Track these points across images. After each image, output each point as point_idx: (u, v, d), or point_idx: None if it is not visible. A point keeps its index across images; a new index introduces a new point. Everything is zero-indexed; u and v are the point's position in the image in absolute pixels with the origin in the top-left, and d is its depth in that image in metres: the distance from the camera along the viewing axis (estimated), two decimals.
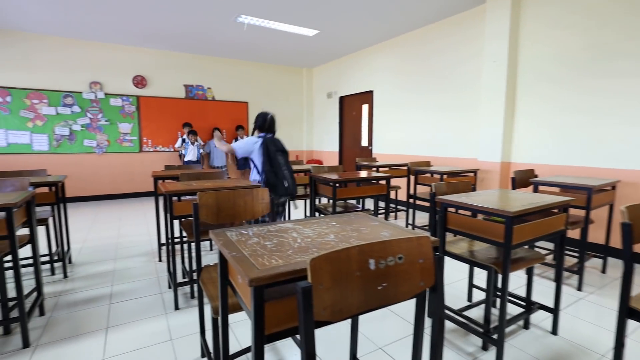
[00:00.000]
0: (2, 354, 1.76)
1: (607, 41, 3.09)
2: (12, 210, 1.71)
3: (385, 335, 1.93)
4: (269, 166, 2.70)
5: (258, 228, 1.17)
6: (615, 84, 3.07)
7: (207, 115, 6.88)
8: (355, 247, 0.84)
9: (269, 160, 2.71)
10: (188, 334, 1.95)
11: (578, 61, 3.30)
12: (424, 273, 0.93)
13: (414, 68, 5.16)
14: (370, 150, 6.29)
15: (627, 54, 2.98)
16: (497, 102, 3.84)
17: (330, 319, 0.79)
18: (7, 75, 5.30)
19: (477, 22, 4.17)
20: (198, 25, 4.96)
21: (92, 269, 2.92)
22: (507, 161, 3.91)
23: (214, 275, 1.59)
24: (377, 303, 0.88)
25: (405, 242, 0.91)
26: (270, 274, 0.79)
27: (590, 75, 3.22)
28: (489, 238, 1.62)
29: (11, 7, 4.28)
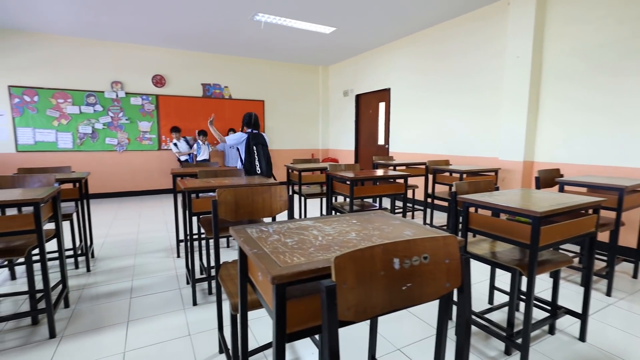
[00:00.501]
0: (30, 343, 1.82)
1: (634, 37, 2.94)
2: (40, 205, 1.77)
3: (403, 336, 1.90)
4: (247, 155, 3.63)
5: (278, 225, 1.16)
6: None
7: (224, 113, 6.96)
8: (380, 245, 0.82)
9: (248, 152, 3.63)
10: (206, 330, 1.97)
11: (605, 58, 3.15)
12: (450, 274, 0.89)
13: (433, 64, 5.06)
14: (386, 149, 6.22)
15: None
16: (520, 99, 3.73)
17: (354, 319, 0.77)
18: (35, 76, 5.49)
19: (499, 16, 4.05)
20: (216, 25, 5.01)
21: (114, 263, 3.00)
22: (530, 160, 3.79)
23: (232, 272, 1.59)
24: (402, 304, 0.85)
25: (431, 241, 0.88)
26: (292, 272, 0.77)
27: (618, 72, 3.08)
28: (514, 239, 1.56)
29: (39, 10, 4.43)
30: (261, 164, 3.64)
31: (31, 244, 1.93)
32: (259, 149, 3.64)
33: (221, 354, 1.75)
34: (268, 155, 3.73)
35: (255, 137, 3.65)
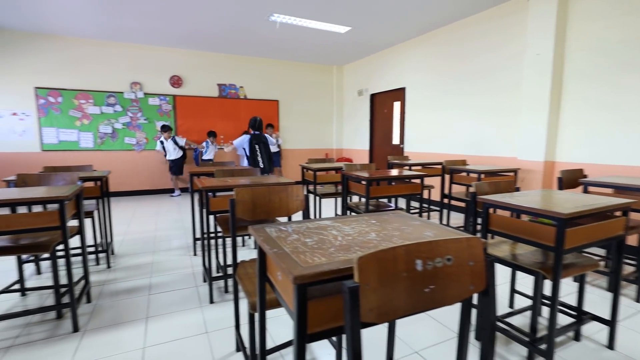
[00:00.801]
0: (55, 337, 1.88)
1: None
2: (64, 203, 1.82)
3: (420, 339, 1.87)
4: (250, 153, 4.33)
5: (297, 225, 1.15)
6: None
7: (239, 113, 7.02)
8: (402, 246, 0.80)
9: (251, 150, 4.33)
10: (223, 328, 1.99)
11: (629, 55, 3.03)
12: (474, 276, 0.87)
13: (450, 63, 4.97)
14: (401, 148, 6.16)
15: None
16: (541, 98, 3.62)
17: (376, 320, 0.76)
18: (59, 78, 5.67)
19: (519, 13, 3.94)
20: (232, 26, 5.06)
21: (133, 260, 3.06)
22: (551, 160, 3.68)
23: (250, 271, 1.60)
24: (424, 306, 0.84)
25: (454, 242, 0.86)
26: (314, 272, 0.77)
27: None
28: (538, 241, 1.51)
29: (63, 14, 4.57)
30: (263, 159, 4.38)
31: (56, 240, 1.99)
32: (261, 147, 4.35)
33: (238, 352, 1.76)
34: (269, 152, 4.45)
35: (257, 137, 4.36)
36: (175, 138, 6.17)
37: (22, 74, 5.47)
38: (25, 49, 5.45)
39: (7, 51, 5.35)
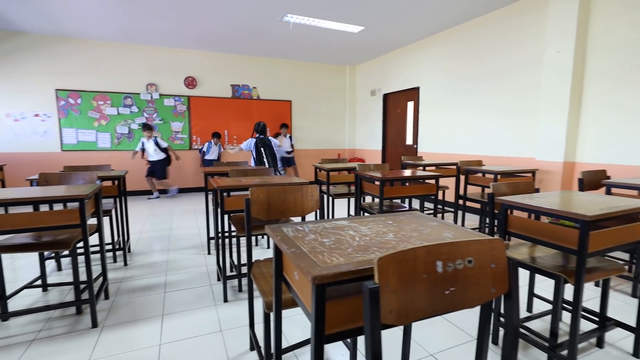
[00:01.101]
0: (75, 332, 1.93)
1: None
2: (84, 201, 1.86)
3: (435, 342, 1.84)
4: (256, 155, 4.71)
5: (313, 225, 1.15)
6: None
7: (252, 114, 7.08)
8: (423, 247, 0.79)
9: (257, 152, 4.71)
10: (237, 327, 2.00)
11: None
12: (496, 279, 0.85)
13: (465, 62, 4.90)
14: (415, 148, 6.10)
15: None
16: (561, 97, 3.53)
17: (396, 322, 0.75)
18: (78, 80, 5.83)
19: (537, 9, 3.85)
20: (246, 27, 5.11)
21: (148, 258, 3.11)
22: (571, 161, 3.58)
23: (265, 270, 1.60)
24: (444, 308, 0.82)
25: (476, 244, 0.84)
26: (334, 272, 0.76)
27: None
28: (559, 244, 1.47)
29: (83, 18, 4.69)
30: (267, 160, 4.74)
31: (76, 237, 2.04)
32: (265, 149, 4.74)
33: (252, 351, 1.76)
34: (274, 153, 4.82)
35: (262, 140, 4.75)
36: (157, 139, 5.86)
37: (44, 76, 5.64)
38: (47, 51, 5.61)
39: (29, 54, 5.53)
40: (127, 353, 1.75)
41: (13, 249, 1.91)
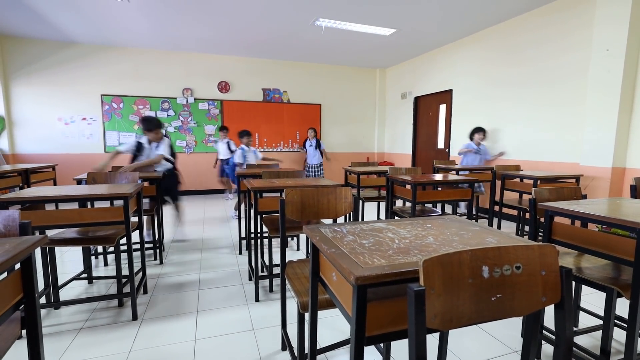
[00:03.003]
0: (117, 323, 2.03)
1: None
2: (129, 199, 1.96)
3: (472, 352, 1.77)
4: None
5: (351, 226, 1.15)
6: None
7: (283, 117, 7.19)
8: (468, 251, 0.76)
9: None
10: (269, 326, 2.02)
11: None
12: (547, 287, 0.81)
13: (501, 63, 4.71)
14: (447, 153, 5.93)
15: None
16: (610, 98, 3.31)
17: (440, 327, 0.73)
18: (121, 85, 6.19)
19: (583, 5, 3.64)
20: (278, 32, 5.21)
21: (183, 257, 3.23)
22: (621, 166, 3.35)
23: (298, 271, 1.61)
24: (490, 315, 0.79)
25: (524, 249, 0.81)
26: (377, 274, 0.75)
27: None
28: (612, 254, 1.37)
29: (124, 27, 4.98)
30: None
31: (119, 234, 2.15)
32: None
33: (284, 351, 1.78)
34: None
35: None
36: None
37: (91, 83, 6.03)
38: (94, 60, 6.00)
39: (79, 63, 5.94)
40: (165, 346, 1.82)
41: (64, 243, 2.05)
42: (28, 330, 1.01)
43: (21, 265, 0.99)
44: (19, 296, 0.99)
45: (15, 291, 0.97)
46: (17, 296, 0.98)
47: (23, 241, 0.99)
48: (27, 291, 1.00)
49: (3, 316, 0.91)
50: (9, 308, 0.94)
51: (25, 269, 0.99)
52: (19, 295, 0.99)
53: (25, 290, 1.00)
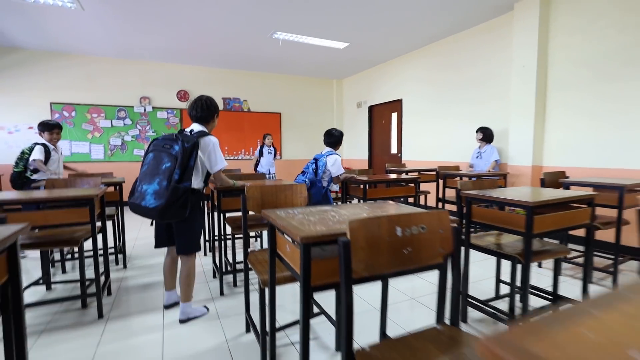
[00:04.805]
0: (82, 323, 2.08)
1: (633, 46, 3.09)
2: (94, 201, 2.05)
3: (412, 322, 2.06)
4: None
5: (301, 209, 1.38)
6: None
7: (243, 126, 7.31)
8: (385, 216, 1.03)
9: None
10: (233, 314, 2.18)
11: (607, 66, 3.30)
12: (443, 242, 1.09)
13: (442, 75, 5.27)
14: (399, 157, 6.40)
15: None
16: (527, 107, 3.88)
17: (364, 272, 0.98)
18: (72, 93, 5.99)
19: (506, 28, 4.24)
20: (237, 43, 5.39)
21: (146, 261, 3.26)
22: (538, 165, 3.91)
23: (260, 257, 1.81)
24: (404, 264, 1.06)
25: (427, 215, 1.09)
26: (317, 234, 0.99)
27: (620, 79, 3.21)
28: (511, 228, 1.73)
29: (78, 34, 4.90)
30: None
31: (83, 236, 2.21)
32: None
33: (248, 333, 1.95)
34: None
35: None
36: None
37: (39, 90, 5.79)
38: (43, 66, 5.77)
39: (25, 69, 5.68)
40: (134, 338, 1.91)
41: (27, 246, 2.08)
42: (13, 308, 1.12)
43: (7, 251, 1.11)
44: (4, 278, 1.10)
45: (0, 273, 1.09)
46: (2, 278, 1.09)
47: (8, 228, 1.11)
48: (11, 274, 1.12)
49: None
50: None
51: (10, 254, 1.11)
52: (4, 277, 1.10)
53: (10, 273, 1.11)
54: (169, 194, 1.82)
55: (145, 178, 1.91)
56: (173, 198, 1.82)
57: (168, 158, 1.89)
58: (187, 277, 2.10)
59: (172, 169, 1.86)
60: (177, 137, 1.93)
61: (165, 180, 1.84)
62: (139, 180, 1.94)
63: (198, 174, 2.03)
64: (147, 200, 1.85)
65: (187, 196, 1.88)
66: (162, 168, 1.88)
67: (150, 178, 1.89)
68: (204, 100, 2.22)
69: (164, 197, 1.81)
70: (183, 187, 1.85)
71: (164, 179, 1.85)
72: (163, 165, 1.88)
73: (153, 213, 1.85)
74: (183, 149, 1.87)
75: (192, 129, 2.14)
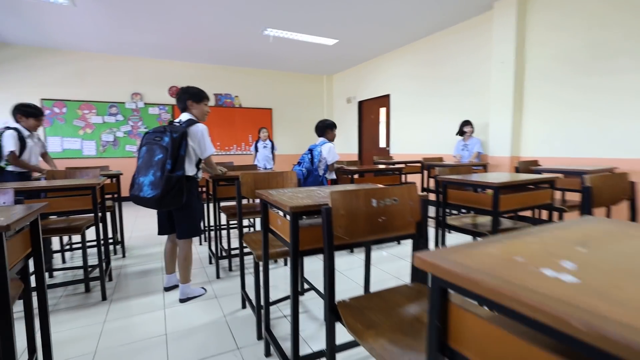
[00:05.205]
0: (87, 304, 2.22)
1: (606, 41, 3.32)
2: (96, 189, 2.18)
3: None
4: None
5: (291, 189, 1.55)
6: (614, 81, 3.28)
7: (235, 121, 7.43)
8: (362, 190, 1.20)
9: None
10: (230, 294, 2.35)
11: (579, 60, 3.53)
12: (413, 211, 1.27)
13: (428, 71, 5.47)
14: (387, 151, 6.61)
15: (624, 52, 3.20)
16: (506, 101, 4.10)
17: (345, 235, 1.15)
18: (63, 90, 6.03)
19: (486, 27, 4.45)
20: (228, 40, 5.50)
21: (144, 251, 3.40)
22: (516, 155, 4.14)
23: (254, 237, 1.97)
24: (379, 231, 1.23)
25: (399, 189, 1.27)
26: (304, 205, 1.16)
27: (592, 73, 3.44)
28: (480, 207, 1.93)
29: (69, 30, 4.96)
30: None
31: (86, 224, 2.34)
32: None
33: (244, 309, 2.12)
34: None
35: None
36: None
37: (30, 87, 5.81)
38: (33, 62, 5.80)
39: (15, 65, 5.70)
40: (138, 316, 2.06)
41: None
42: (36, 276, 1.27)
43: (30, 226, 1.25)
44: (29, 250, 1.25)
45: (26, 245, 1.23)
46: (27, 250, 1.24)
47: (30, 207, 1.25)
48: (34, 246, 1.26)
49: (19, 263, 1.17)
50: (23, 257, 1.20)
51: (33, 228, 1.26)
52: (29, 249, 1.25)
53: (34, 245, 1.26)
54: (163, 183, 1.96)
55: (141, 170, 2.06)
56: (168, 187, 1.97)
57: (160, 150, 2.02)
58: (184, 260, 2.25)
59: (164, 160, 2.00)
60: (165, 129, 2.07)
61: (159, 171, 1.99)
62: (136, 173, 2.09)
63: (191, 161, 2.18)
64: (145, 191, 2.00)
65: (181, 184, 2.03)
66: (155, 160, 2.02)
67: (146, 170, 2.03)
68: (179, 91, 2.41)
69: (160, 187, 1.96)
70: (176, 176, 2.00)
71: (157, 169, 1.99)
72: (156, 157, 2.02)
73: (151, 202, 2.00)
74: (172, 139, 2.01)
75: (181, 119, 2.28)
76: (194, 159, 2.20)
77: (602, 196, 1.68)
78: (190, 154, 2.16)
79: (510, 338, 0.51)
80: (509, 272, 0.53)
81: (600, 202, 1.66)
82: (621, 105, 3.24)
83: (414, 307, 1.11)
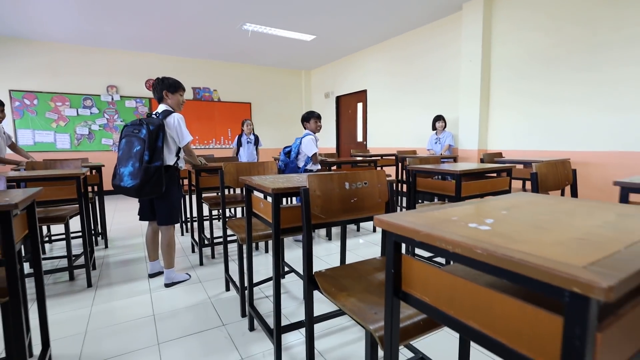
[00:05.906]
0: (73, 291, 2.28)
1: (567, 38, 3.61)
2: (81, 178, 2.23)
3: None
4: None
5: (273, 176, 1.69)
6: (575, 76, 3.58)
7: (213, 115, 7.42)
8: (336, 174, 1.36)
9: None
10: (213, 279, 2.46)
11: (542, 57, 3.82)
12: (381, 193, 1.44)
13: (402, 68, 5.69)
14: (365, 145, 6.81)
15: (585, 48, 3.49)
16: (473, 97, 4.37)
17: (321, 214, 1.30)
18: (34, 81, 5.84)
19: (456, 26, 4.70)
20: (206, 34, 5.50)
21: (125, 242, 3.44)
22: (483, 148, 4.43)
23: (237, 223, 2.10)
24: (351, 211, 1.39)
25: (369, 173, 1.43)
26: (284, 187, 1.30)
27: (552, 70, 3.74)
28: (444, 193, 2.13)
29: (39, 20, 4.82)
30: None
31: (70, 213, 2.39)
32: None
33: (228, 291, 2.24)
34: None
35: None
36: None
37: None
38: (0, 52, 5.59)
39: None
40: (125, 299, 2.15)
41: None
42: (32, 256, 1.35)
43: (27, 210, 1.33)
44: (26, 231, 1.33)
45: (24, 228, 1.31)
46: (24, 231, 1.32)
47: (26, 191, 1.33)
48: (31, 229, 1.34)
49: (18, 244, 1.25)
50: (22, 238, 1.28)
51: (29, 212, 1.33)
52: (26, 231, 1.33)
53: (30, 228, 1.34)
54: (142, 174, 2.08)
55: (122, 162, 2.16)
56: (146, 177, 2.09)
57: (138, 142, 2.13)
58: (167, 247, 2.35)
59: (142, 152, 2.10)
60: (142, 122, 2.16)
61: (137, 162, 2.10)
62: (117, 164, 2.19)
63: (170, 151, 2.29)
64: (125, 181, 2.11)
65: (159, 174, 2.14)
66: (133, 151, 2.12)
67: (125, 161, 2.14)
68: (155, 82, 2.45)
69: (139, 177, 2.08)
70: (154, 167, 2.11)
71: (136, 161, 2.10)
72: (134, 148, 2.12)
73: (131, 191, 2.11)
74: (149, 131, 2.11)
75: (158, 110, 2.37)
76: (173, 148, 2.30)
77: (547, 181, 1.91)
78: (169, 144, 2.26)
79: (444, 275, 0.68)
80: (443, 225, 0.70)
81: (546, 186, 1.90)
82: (581, 100, 3.55)
83: (380, 275, 1.28)
